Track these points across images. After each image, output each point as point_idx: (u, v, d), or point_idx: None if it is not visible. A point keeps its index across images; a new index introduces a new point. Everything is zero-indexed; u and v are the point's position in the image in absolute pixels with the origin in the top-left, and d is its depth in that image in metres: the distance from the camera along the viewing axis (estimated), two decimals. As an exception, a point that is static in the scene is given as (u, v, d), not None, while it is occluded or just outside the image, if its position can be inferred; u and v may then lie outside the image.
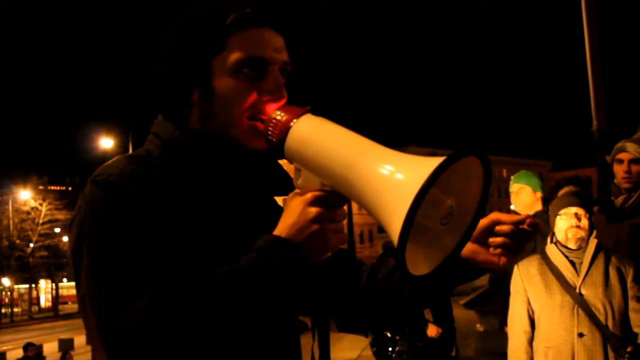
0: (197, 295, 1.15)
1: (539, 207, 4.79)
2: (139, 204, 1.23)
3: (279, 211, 1.43)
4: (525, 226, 1.28)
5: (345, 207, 1.23)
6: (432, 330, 5.40)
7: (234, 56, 1.30)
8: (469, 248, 1.32)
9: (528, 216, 1.29)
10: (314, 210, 1.18)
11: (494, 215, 1.31)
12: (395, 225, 1.02)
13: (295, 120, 1.22)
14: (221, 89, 1.31)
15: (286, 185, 1.40)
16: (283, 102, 1.31)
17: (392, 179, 1.06)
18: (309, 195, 1.19)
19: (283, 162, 1.39)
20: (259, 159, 1.35)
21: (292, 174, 1.36)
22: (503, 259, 1.31)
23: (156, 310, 1.13)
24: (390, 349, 5.36)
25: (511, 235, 1.29)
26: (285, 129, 1.22)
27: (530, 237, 1.30)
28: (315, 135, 1.20)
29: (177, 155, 1.33)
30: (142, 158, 1.33)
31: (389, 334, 5.39)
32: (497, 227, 1.30)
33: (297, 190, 1.23)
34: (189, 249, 1.24)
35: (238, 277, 1.16)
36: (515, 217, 1.30)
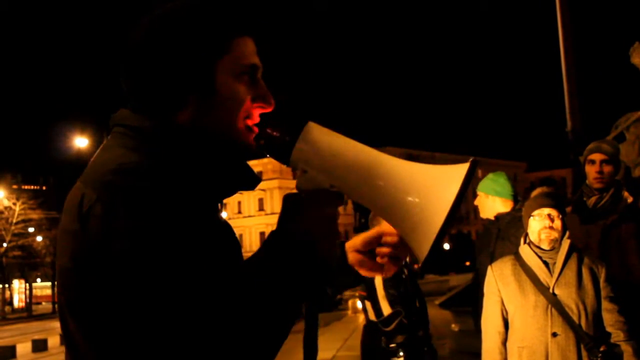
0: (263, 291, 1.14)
1: (500, 209, 4.74)
2: (181, 195, 1.16)
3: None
4: None
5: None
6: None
7: (238, 61, 1.30)
8: (356, 257, 1.45)
9: None
10: (331, 210, 1.25)
11: (380, 228, 1.43)
12: (420, 243, 1.14)
13: (305, 125, 1.24)
14: (224, 92, 1.28)
15: (251, 182, 1.37)
16: (272, 108, 1.32)
17: (418, 196, 1.15)
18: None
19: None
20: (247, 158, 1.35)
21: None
22: (389, 267, 1.43)
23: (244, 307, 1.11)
24: (391, 344, 5.33)
25: (396, 245, 1.41)
26: (294, 132, 1.23)
27: None
28: (328, 140, 1.24)
29: (171, 153, 1.24)
30: (136, 151, 1.23)
31: (384, 328, 5.36)
32: (384, 238, 1.42)
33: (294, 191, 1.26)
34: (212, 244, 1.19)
35: (269, 276, 1.16)
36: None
